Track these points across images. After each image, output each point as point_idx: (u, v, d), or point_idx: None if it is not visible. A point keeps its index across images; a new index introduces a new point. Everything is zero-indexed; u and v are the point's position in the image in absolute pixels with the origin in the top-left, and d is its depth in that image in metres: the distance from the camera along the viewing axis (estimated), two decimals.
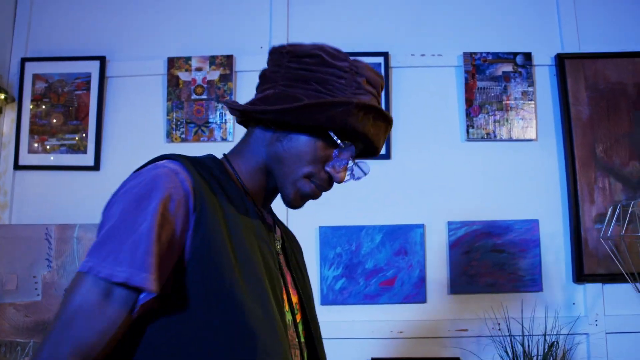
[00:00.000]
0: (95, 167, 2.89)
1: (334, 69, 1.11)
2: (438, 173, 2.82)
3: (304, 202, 1.17)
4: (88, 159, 2.91)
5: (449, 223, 2.76)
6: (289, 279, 1.19)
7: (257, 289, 0.99)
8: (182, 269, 0.96)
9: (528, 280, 2.69)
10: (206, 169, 1.08)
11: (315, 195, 1.15)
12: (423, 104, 2.88)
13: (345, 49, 2.74)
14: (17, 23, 3.04)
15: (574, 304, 2.71)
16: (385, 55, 2.87)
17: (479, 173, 2.81)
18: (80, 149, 2.92)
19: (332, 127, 1.09)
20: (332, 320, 2.67)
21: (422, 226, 2.76)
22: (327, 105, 1.07)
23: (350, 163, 1.15)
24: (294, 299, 1.17)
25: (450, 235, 2.75)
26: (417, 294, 2.71)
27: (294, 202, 1.14)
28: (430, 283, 2.73)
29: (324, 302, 2.71)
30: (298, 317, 1.18)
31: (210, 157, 1.16)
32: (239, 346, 0.93)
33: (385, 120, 1.15)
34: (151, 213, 0.93)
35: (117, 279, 0.89)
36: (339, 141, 1.11)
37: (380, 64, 2.86)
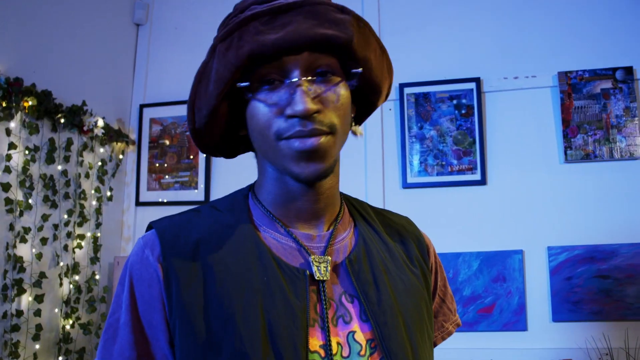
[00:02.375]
0: (206, 201, 3.12)
1: (223, 29, 0.93)
2: (536, 197, 2.76)
3: (315, 163, 0.86)
4: (199, 194, 3.15)
5: (549, 248, 2.68)
6: (352, 310, 0.91)
7: (241, 353, 0.83)
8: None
9: (637, 308, 2.55)
10: (195, 224, 0.94)
11: (308, 145, 0.84)
12: (518, 127, 2.83)
13: (436, 76, 2.81)
14: (136, 74, 3.37)
15: None
16: (477, 80, 2.87)
17: (579, 195, 2.71)
18: (192, 185, 3.17)
19: (234, 80, 0.87)
20: None
21: (520, 252, 2.71)
22: (199, 75, 0.90)
23: (299, 82, 0.85)
24: (360, 336, 0.89)
25: (551, 260, 2.67)
26: (517, 321, 2.66)
27: (303, 172, 0.87)
28: (531, 310, 2.68)
29: None
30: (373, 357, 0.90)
31: (230, 198, 1.01)
32: None
33: (284, 10, 0.85)
34: (124, 306, 0.90)
35: None
36: (243, 84, 0.87)
37: (472, 89, 2.86)
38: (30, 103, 2.57)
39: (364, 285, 0.92)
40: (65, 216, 2.77)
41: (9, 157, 2.49)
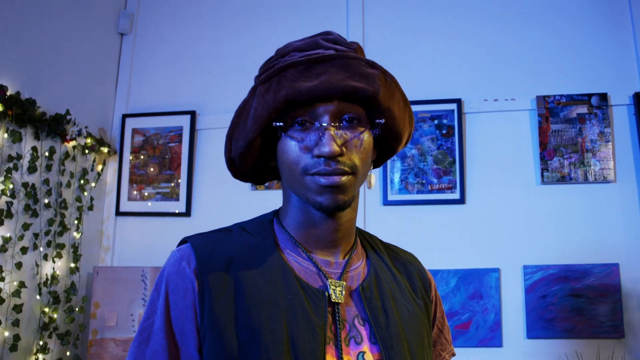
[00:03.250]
0: (187, 213, 3.13)
1: (266, 71, 1.01)
2: (513, 217, 2.83)
3: (337, 196, 0.96)
4: (180, 205, 3.15)
5: (525, 267, 2.76)
6: (364, 332, 1.00)
7: None
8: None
9: (608, 327, 2.64)
10: (228, 242, 1.03)
11: (331, 182, 0.94)
12: (497, 148, 2.91)
13: (417, 96, 2.87)
14: (119, 84, 3.36)
15: None
16: (458, 101, 2.94)
17: (554, 216, 2.80)
18: (173, 196, 3.17)
19: (270, 119, 0.97)
20: None
21: (497, 270, 2.78)
22: (240, 110, 1.00)
23: (328, 127, 0.94)
24: (370, 357, 0.99)
25: (526, 279, 2.75)
26: (492, 337, 2.72)
27: (325, 202, 0.96)
28: (507, 327, 2.74)
29: None
30: None
31: (259, 222, 1.10)
32: None
33: (320, 61, 0.95)
34: (159, 312, 0.98)
35: None
36: (278, 124, 0.97)
37: (453, 110, 2.93)
38: (14, 111, 2.56)
39: (374, 311, 1.02)
40: (46, 225, 2.75)
41: None
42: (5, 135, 2.55)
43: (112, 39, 3.36)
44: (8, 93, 2.53)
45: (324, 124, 0.95)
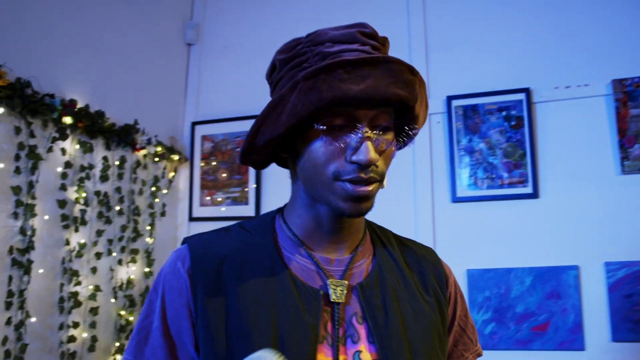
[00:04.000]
0: (257, 216, 3.15)
1: (290, 62, 0.99)
2: (591, 210, 2.65)
3: (361, 205, 0.94)
4: (250, 209, 3.19)
5: (607, 264, 2.57)
6: (362, 331, 0.98)
7: None
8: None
9: None
10: (225, 242, 1.03)
11: (361, 192, 0.92)
12: (571, 138, 2.74)
13: (483, 88, 2.73)
14: (188, 92, 3.46)
15: None
16: (526, 91, 2.79)
17: (638, 208, 2.58)
18: (242, 200, 3.21)
19: (310, 118, 0.92)
20: None
21: (576, 267, 2.60)
22: (275, 104, 0.94)
23: (369, 134, 0.92)
24: (367, 356, 0.96)
25: (609, 277, 2.55)
26: (573, 340, 2.55)
27: (348, 210, 0.94)
28: (589, 329, 2.56)
29: None
30: None
31: (259, 220, 1.09)
32: None
33: (367, 63, 0.90)
34: (157, 311, 1.00)
35: None
36: (320, 127, 0.92)
37: (522, 100, 2.79)
38: (84, 124, 2.68)
39: (373, 310, 0.99)
40: (119, 232, 2.85)
41: (64, 175, 2.59)
42: (77, 146, 2.67)
43: (180, 49, 3.46)
44: (78, 106, 2.65)
45: (367, 132, 0.92)
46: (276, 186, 3.17)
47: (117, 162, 2.89)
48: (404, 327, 0.99)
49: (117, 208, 2.87)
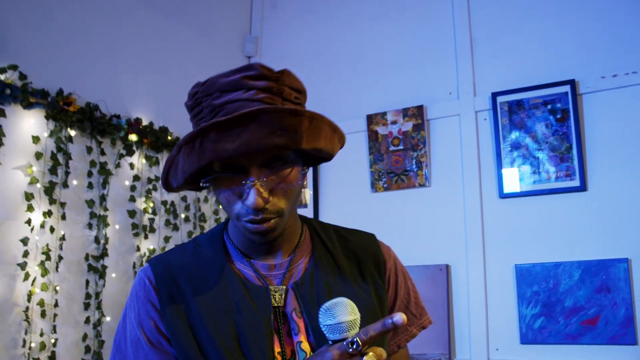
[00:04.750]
0: (315, 217, 3.32)
1: (192, 110, 1.06)
2: None
3: (267, 236, 1.05)
4: (308, 211, 3.35)
5: None
6: (301, 324, 1.10)
7: (219, 355, 1.03)
8: None
9: None
10: (182, 257, 1.15)
11: (259, 229, 1.03)
12: (619, 128, 2.68)
13: (529, 82, 2.74)
14: None
15: None
16: (571, 83, 2.76)
17: None
18: (301, 203, 3.37)
19: (198, 173, 1.02)
20: (533, 359, 2.64)
21: (626, 260, 2.56)
22: (169, 162, 1.04)
23: (254, 183, 0.99)
24: (306, 346, 1.08)
25: None
26: (624, 334, 2.51)
27: (258, 241, 1.07)
28: None
29: (523, 340, 2.69)
30: None
31: (209, 234, 1.20)
32: None
33: (240, 120, 0.94)
34: (132, 318, 1.12)
35: None
36: (203, 184, 1.05)
37: (567, 92, 2.76)
38: (149, 140, 2.95)
39: (307, 304, 1.10)
40: (187, 237, 3.11)
41: (133, 188, 2.88)
42: (143, 160, 2.95)
43: (240, 62, 3.69)
44: (142, 124, 2.93)
45: (250, 181, 0.99)
46: (331, 188, 3.31)
47: None
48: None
49: (183, 215, 3.14)
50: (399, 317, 0.90)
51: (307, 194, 1.16)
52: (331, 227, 1.25)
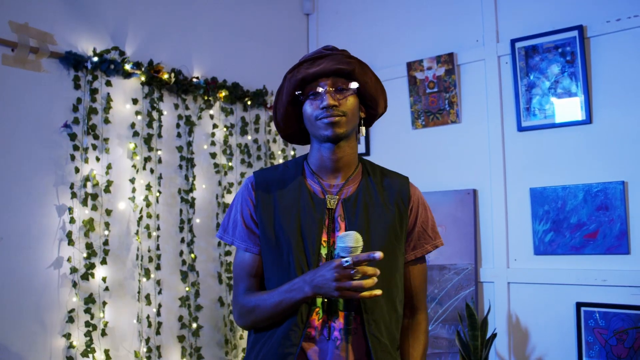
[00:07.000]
0: (367, 152, 3.89)
1: (292, 71, 1.67)
2: (638, 133, 2.95)
3: (334, 129, 1.57)
4: (360, 147, 3.91)
5: None
6: (342, 225, 1.63)
7: (286, 237, 1.60)
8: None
9: None
10: (274, 173, 1.72)
11: (329, 120, 1.57)
12: (622, 68, 3.00)
13: (543, 28, 3.25)
14: None
15: None
16: (579, 28, 3.10)
17: None
18: None
19: (295, 92, 1.64)
20: (543, 268, 3.15)
21: (622, 183, 2.96)
22: (278, 91, 1.69)
23: (327, 92, 1.58)
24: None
25: None
26: (619, 245, 2.94)
27: (326, 133, 1.59)
28: (634, 236, 2.92)
29: (537, 252, 3.19)
30: None
31: (295, 160, 1.78)
32: (275, 267, 1.64)
33: (318, 56, 1.62)
34: (237, 207, 1.72)
35: (232, 244, 1.76)
36: (298, 92, 1.65)
37: (575, 37, 3.11)
38: (224, 94, 3.61)
39: (349, 214, 1.66)
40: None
41: (213, 134, 3.57)
42: (220, 111, 3.62)
43: (299, 20, 4.23)
44: (218, 82, 3.58)
45: (324, 90, 1.60)
46: (382, 127, 3.84)
47: (253, 120, 3.81)
48: (367, 224, 1.63)
49: (256, 155, 3.81)
50: (378, 254, 1.42)
51: (363, 130, 1.72)
52: (378, 167, 1.79)
